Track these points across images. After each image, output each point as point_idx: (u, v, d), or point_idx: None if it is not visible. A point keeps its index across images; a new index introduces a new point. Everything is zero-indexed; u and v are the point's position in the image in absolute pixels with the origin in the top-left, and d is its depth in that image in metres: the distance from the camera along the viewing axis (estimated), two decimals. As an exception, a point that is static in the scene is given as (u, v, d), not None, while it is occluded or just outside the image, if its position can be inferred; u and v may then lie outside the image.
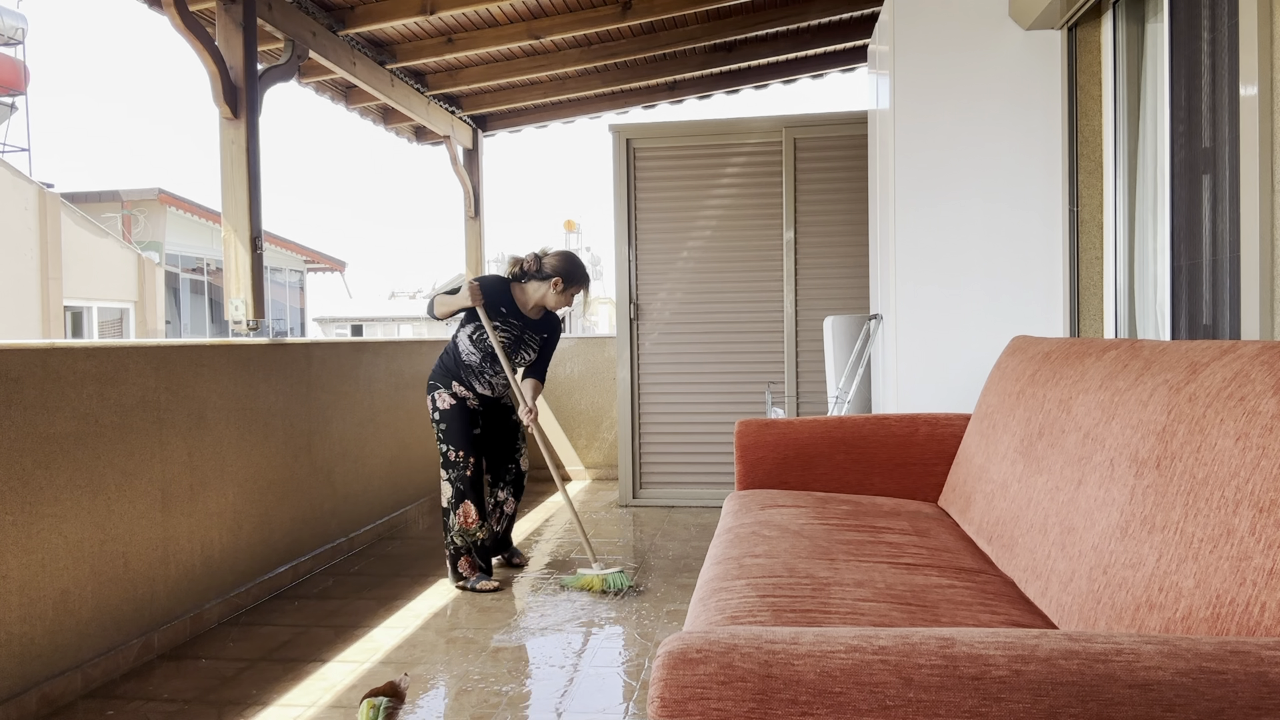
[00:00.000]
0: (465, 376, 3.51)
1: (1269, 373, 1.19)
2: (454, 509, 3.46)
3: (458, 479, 3.45)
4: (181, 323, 18.18)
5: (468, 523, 3.45)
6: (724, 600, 1.67)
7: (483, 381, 3.53)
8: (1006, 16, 3.16)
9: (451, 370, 3.52)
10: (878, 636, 0.95)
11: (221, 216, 3.93)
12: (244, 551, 3.36)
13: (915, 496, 2.70)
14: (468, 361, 3.51)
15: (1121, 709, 0.86)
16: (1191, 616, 1.14)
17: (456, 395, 3.50)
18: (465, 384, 3.52)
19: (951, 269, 3.22)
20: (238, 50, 3.82)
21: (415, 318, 26.05)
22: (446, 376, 3.52)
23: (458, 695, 2.49)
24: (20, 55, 16.96)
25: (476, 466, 3.50)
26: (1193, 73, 2.42)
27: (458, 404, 3.49)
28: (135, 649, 2.76)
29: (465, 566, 3.48)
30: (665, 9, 4.83)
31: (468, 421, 3.49)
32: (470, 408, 3.52)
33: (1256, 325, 1.98)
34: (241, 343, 3.40)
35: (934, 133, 3.22)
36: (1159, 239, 2.71)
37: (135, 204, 16.95)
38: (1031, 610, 1.65)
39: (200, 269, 18.71)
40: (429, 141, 6.70)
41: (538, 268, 3.53)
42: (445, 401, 3.49)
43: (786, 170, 4.91)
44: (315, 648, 2.89)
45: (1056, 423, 1.81)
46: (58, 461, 2.50)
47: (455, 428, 3.47)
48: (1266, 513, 1.07)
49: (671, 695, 0.92)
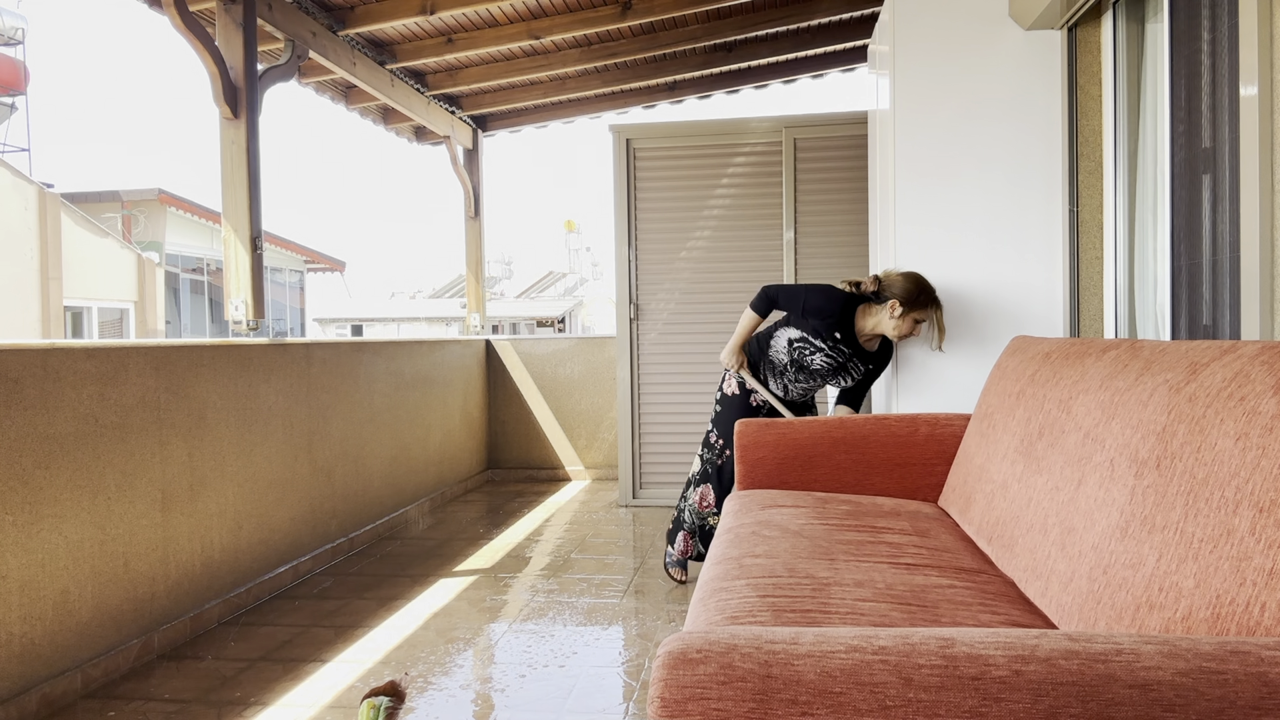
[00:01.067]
0: (764, 369, 3.40)
1: (1269, 373, 1.19)
2: (695, 486, 3.50)
3: (709, 461, 3.47)
4: (181, 323, 18.18)
5: (702, 505, 3.49)
6: (724, 600, 1.67)
7: (779, 383, 3.40)
8: (1006, 16, 3.16)
9: (753, 358, 3.42)
10: (878, 636, 0.95)
11: (221, 216, 3.93)
12: (244, 551, 3.36)
13: (915, 496, 2.70)
14: (774, 359, 3.36)
15: (1121, 709, 0.86)
16: (1191, 616, 1.14)
17: (745, 386, 3.43)
18: (759, 377, 3.42)
19: (952, 269, 3.22)
20: (238, 50, 3.82)
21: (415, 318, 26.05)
22: (749, 365, 3.44)
23: (457, 695, 2.49)
24: (20, 55, 16.96)
25: (732, 459, 3.41)
26: (1193, 73, 2.42)
27: (741, 394, 3.43)
28: (135, 649, 2.76)
29: (682, 541, 3.51)
30: (665, 9, 4.83)
31: (741, 413, 3.43)
32: (753, 405, 3.43)
33: (1256, 325, 1.98)
34: (241, 343, 3.40)
35: (934, 133, 3.22)
36: (1159, 239, 2.71)
37: (135, 204, 16.94)
38: (1031, 610, 1.65)
39: (200, 269, 18.71)
40: (429, 141, 6.70)
41: (876, 289, 3.14)
42: (731, 388, 3.47)
43: (786, 170, 4.91)
44: (315, 648, 2.89)
45: (1056, 423, 1.81)
46: (58, 461, 2.50)
47: (727, 414, 3.45)
48: (1266, 513, 1.07)
49: (671, 695, 0.92)
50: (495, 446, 6.15)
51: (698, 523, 3.49)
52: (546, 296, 29.68)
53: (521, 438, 6.13)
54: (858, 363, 3.25)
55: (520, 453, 6.14)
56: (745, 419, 2.83)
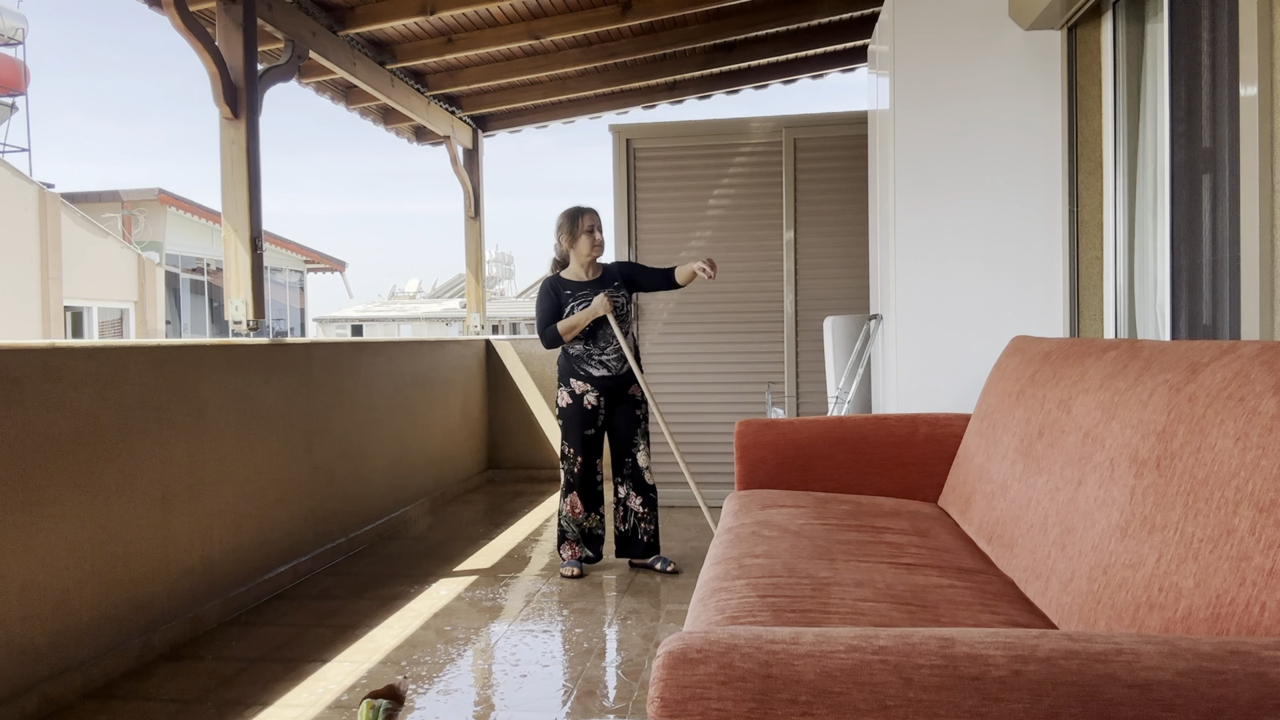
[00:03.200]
0: (578, 367, 3.67)
1: (1269, 373, 1.19)
2: (564, 497, 3.74)
3: (567, 472, 3.73)
4: (181, 323, 18.18)
5: (574, 512, 3.72)
6: (724, 600, 1.67)
7: (595, 364, 3.65)
8: (1006, 16, 3.16)
9: (565, 368, 3.71)
10: (878, 636, 0.95)
11: (221, 216, 3.93)
12: (244, 551, 3.36)
13: (915, 496, 2.70)
14: (574, 354, 3.67)
15: (1121, 709, 0.86)
16: (1191, 616, 1.14)
17: (574, 393, 3.67)
18: (582, 375, 3.66)
19: (952, 269, 3.22)
20: (238, 50, 3.82)
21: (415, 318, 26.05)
22: (564, 375, 3.72)
23: (457, 695, 2.49)
24: (20, 55, 16.96)
25: (585, 464, 3.70)
26: (1193, 73, 2.42)
27: (574, 403, 3.68)
28: (135, 649, 2.76)
29: (568, 549, 3.73)
30: (665, 9, 4.83)
31: (581, 421, 3.68)
32: (587, 408, 3.66)
33: (1256, 325, 1.98)
34: (241, 343, 3.40)
35: (934, 133, 3.22)
36: (1159, 239, 2.71)
37: (135, 204, 16.94)
38: (1031, 610, 1.65)
39: (200, 269, 18.71)
40: (429, 141, 6.70)
41: (557, 253, 3.76)
42: (564, 400, 3.71)
43: (786, 170, 4.91)
44: (315, 648, 2.89)
45: (1056, 423, 1.81)
46: (58, 461, 2.50)
47: (569, 426, 3.70)
48: (1266, 513, 1.07)
49: (671, 695, 0.92)
50: (495, 446, 6.15)
51: (576, 530, 3.73)
52: (546, 296, 29.58)
53: (521, 438, 6.13)
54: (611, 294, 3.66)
55: (520, 453, 6.14)
56: (745, 420, 2.83)
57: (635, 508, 3.73)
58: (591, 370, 3.65)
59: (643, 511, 3.73)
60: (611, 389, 3.68)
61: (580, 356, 3.65)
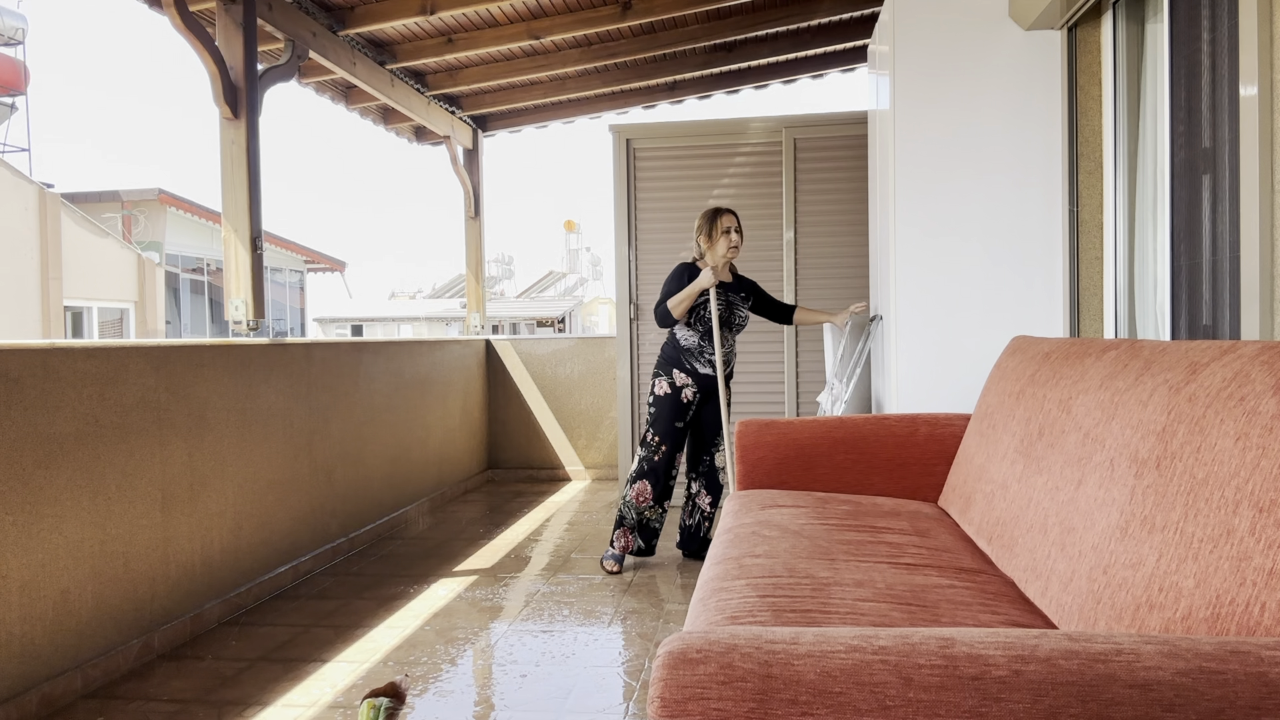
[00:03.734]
0: (686, 360, 3.74)
1: (1269, 373, 1.19)
2: (632, 483, 3.76)
3: (645, 459, 3.75)
4: (181, 323, 18.18)
5: (639, 499, 3.75)
6: (724, 600, 1.67)
7: (704, 360, 3.74)
8: (1006, 16, 3.16)
9: (672, 358, 3.77)
10: (878, 636, 0.95)
11: (221, 216, 3.93)
12: (244, 551, 3.36)
13: (915, 496, 2.70)
14: (686, 345, 3.74)
15: (1121, 709, 0.86)
16: (1191, 616, 1.14)
17: (675, 384, 3.75)
18: (687, 369, 3.73)
19: (951, 269, 3.22)
20: (238, 50, 3.82)
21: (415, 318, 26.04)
22: (668, 365, 3.77)
23: (457, 695, 2.49)
24: (20, 55, 16.96)
25: (667, 455, 3.74)
26: (1193, 73, 2.42)
27: (673, 394, 3.75)
28: (135, 649, 2.76)
29: (621, 538, 3.75)
30: (665, 9, 4.83)
31: (675, 412, 3.74)
32: (684, 400, 3.74)
33: (1256, 325, 1.98)
34: (241, 343, 3.40)
35: (934, 132, 3.22)
36: (1159, 239, 2.71)
37: (135, 204, 16.94)
38: (1031, 610, 1.65)
39: (200, 269, 18.70)
40: (429, 141, 6.70)
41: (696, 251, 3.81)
42: (662, 389, 3.77)
43: (786, 170, 4.91)
44: (315, 648, 2.89)
45: (1056, 423, 1.81)
46: (58, 461, 2.50)
47: (662, 415, 3.75)
48: (1266, 513, 1.07)
49: (671, 695, 0.92)
50: (495, 446, 6.15)
51: (635, 518, 3.75)
52: (546, 296, 29.67)
53: (521, 438, 6.13)
54: (736, 296, 3.79)
55: (520, 453, 6.14)
56: (746, 420, 2.83)
57: (704, 505, 3.87)
58: (699, 366, 3.74)
59: (709, 510, 3.88)
60: (708, 387, 3.77)
61: (692, 350, 3.74)
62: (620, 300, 5.11)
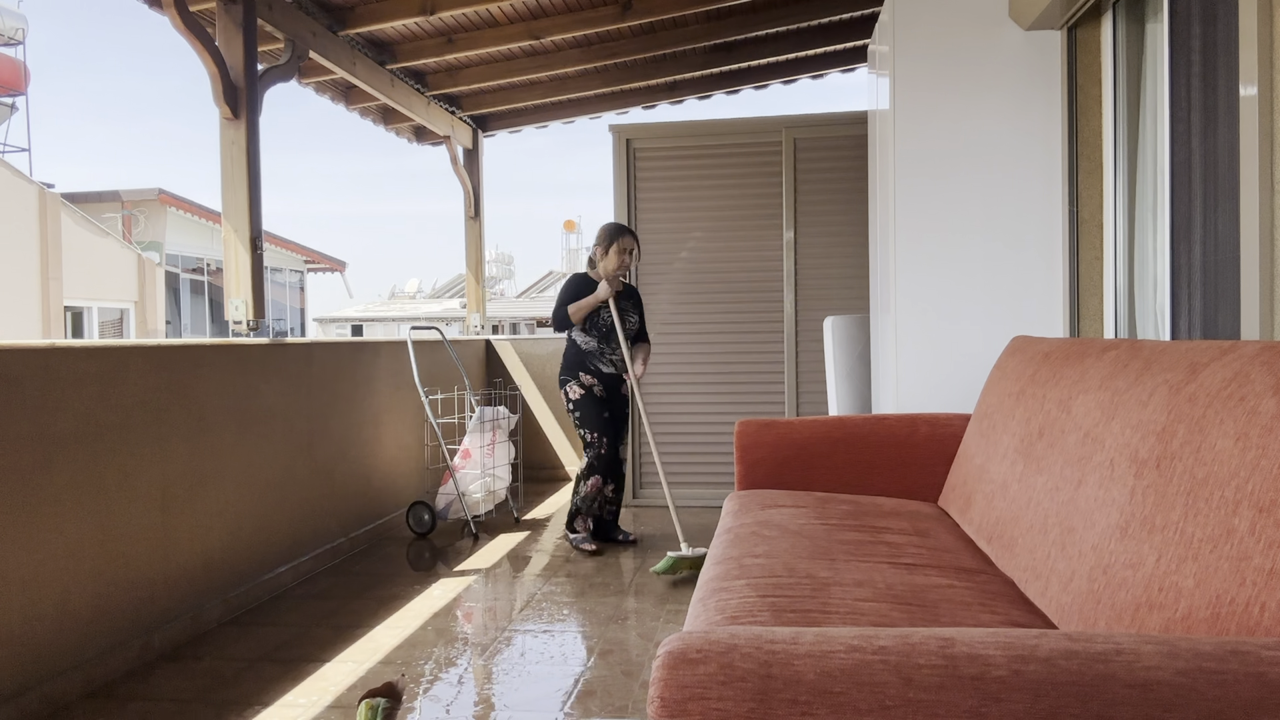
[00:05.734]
0: (589, 363, 4.03)
1: (1269, 373, 1.19)
2: (585, 480, 4.02)
3: (594, 457, 4.01)
4: (181, 323, 18.17)
5: (592, 489, 4.03)
6: (724, 600, 1.67)
7: (605, 360, 4.04)
8: (1006, 16, 3.16)
9: (576, 362, 4.05)
10: (878, 636, 0.95)
11: (221, 216, 3.93)
12: (244, 551, 3.36)
13: (915, 496, 2.70)
14: (586, 349, 4.04)
15: (1121, 709, 0.86)
16: (1191, 616, 1.14)
17: (584, 384, 4.03)
18: (591, 370, 4.02)
19: (951, 269, 3.22)
20: (238, 50, 3.82)
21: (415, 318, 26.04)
22: (573, 369, 4.05)
23: (457, 695, 2.49)
24: (20, 55, 16.96)
25: (610, 444, 4.04)
26: (1193, 73, 2.42)
27: (586, 392, 4.02)
28: (135, 649, 2.76)
29: (581, 524, 4.05)
30: (665, 9, 4.83)
31: (596, 406, 4.02)
32: (598, 395, 4.03)
33: (1256, 325, 1.98)
34: (241, 343, 3.40)
35: (934, 133, 3.22)
36: (1159, 239, 2.71)
37: (135, 204, 16.94)
38: (1031, 610, 1.65)
39: (200, 269, 18.70)
40: (429, 141, 6.70)
41: (592, 256, 4.09)
42: (575, 392, 4.03)
43: (786, 170, 4.91)
44: (315, 648, 2.89)
45: (1056, 423, 1.81)
46: (58, 461, 2.50)
47: (588, 412, 4.01)
48: (1266, 513, 1.07)
49: (671, 695, 0.92)
50: (495, 446, 6.13)
51: (589, 507, 4.04)
52: (546, 296, 29.65)
53: (521, 437, 6.12)
54: (624, 303, 4.05)
55: (520, 452, 6.13)
56: (746, 420, 2.83)
57: (608, 494, 4.16)
58: (601, 366, 4.03)
59: (612, 495, 4.17)
60: (612, 385, 4.07)
61: (593, 353, 4.03)
62: (620, 300, 5.10)
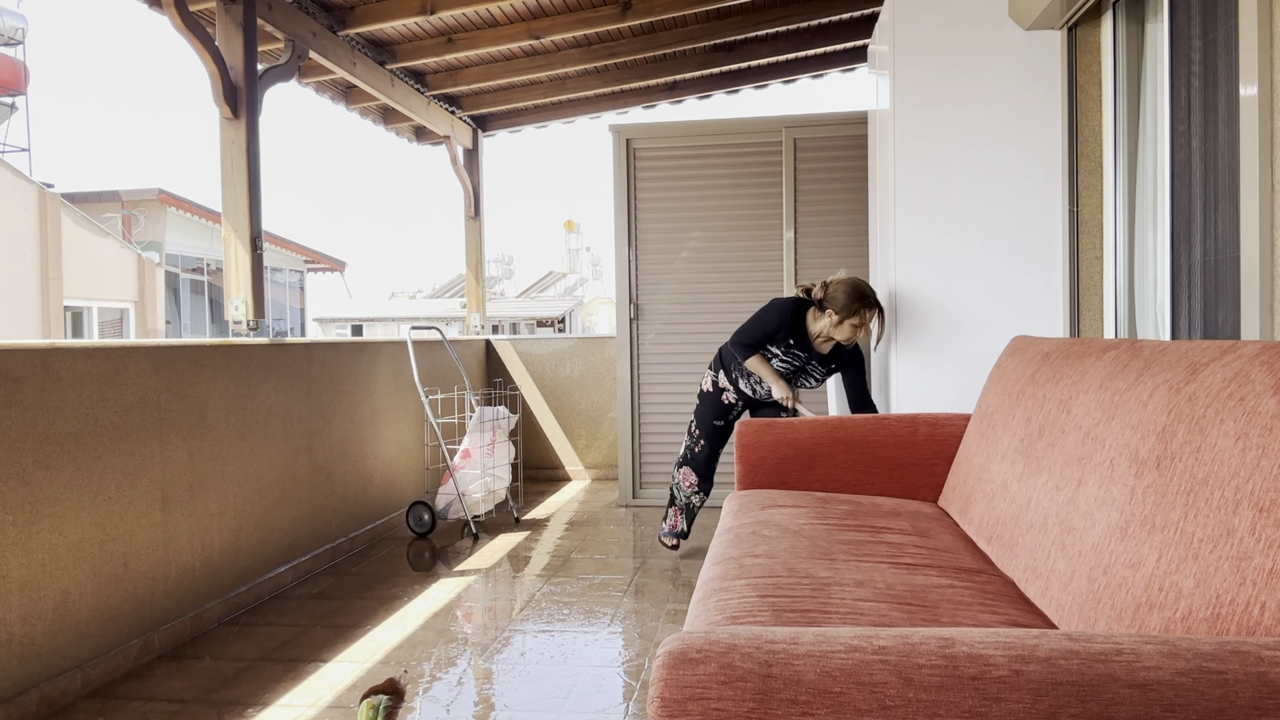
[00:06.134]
0: (734, 370, 3.75)
1: (1269, 373, 1.19)
2: (680, 466, 3.90)
3: (688, 448, 3.87)
4: (181, 323, 18.18)
5: (685, 484, 3.89)
6: (724, 600, 1.67)
7: (748, 383, 3.73)
8: (1006, 16, 3.16)
9: (727, 362, 3.78)
10: (878, 636, 0.95)
11: (221, 216, 3.93)
12: (244, 551, 3.36)
13: (915, 496, 2.70)
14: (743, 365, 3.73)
15: (1121, 709, 0.86)
16: (1191, 616, 1.14)
17: (717, 385, 3.80)
18: (730, 378, 3.77)
19: (951, 269, 3.22)
20: (238, 50, 3.82)
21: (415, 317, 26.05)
22: (719, 363, 3.81)
23: (457, 695, 2.49)
24: (20, 55, 16.96)
25: (707, 451, 3.85)
26: (1193, 73, 2.42)
27: (714, 392, 3.80)
28: (135, 649, 2.76)
29: (673, 516, 3.94)
30: (665, 9, 4.83)
31: (715, 411, 3.81)
32: (724, 403, 3.79)
33: (1256, 325, 1.98)
34: (241, 343, 3.40)
35: (934, 133, 3.22)
36: (1159, 239, 2.71)
37: (135, 204, 16.94)
38: (1031, 610, 1.65)
39: (200, 269, 18.70)
40: (429, 141, 6.70)
41: (822, 296, 3.40)
42: (707, 385, 3.84)
43: (786, 170, 4.91)
44: (315, 648, 2.89)
45: (1056, 423, 1.81)
46: (58, 461, 2.50)
47: (704, 410, 3.83)
48: (1266, 513, 1.07)
49: (671, 695, 0.92)
50: (495, 446, 6.14)
51: (683, 501, 3.89)
52: (546, 296, 29.66)
53: (522, 437, 6.13)
54: (816, 364, 3.57)
55: (520, 452, 6.14)
56: (745, 420, 2.83)
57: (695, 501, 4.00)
58: (742, 384, 3.73)
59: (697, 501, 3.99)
60: (750, 403, 3.81)
61: (742, 368, 3.69)
62: (620, 300, 5.11)
